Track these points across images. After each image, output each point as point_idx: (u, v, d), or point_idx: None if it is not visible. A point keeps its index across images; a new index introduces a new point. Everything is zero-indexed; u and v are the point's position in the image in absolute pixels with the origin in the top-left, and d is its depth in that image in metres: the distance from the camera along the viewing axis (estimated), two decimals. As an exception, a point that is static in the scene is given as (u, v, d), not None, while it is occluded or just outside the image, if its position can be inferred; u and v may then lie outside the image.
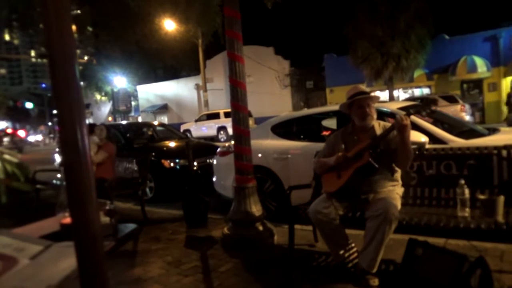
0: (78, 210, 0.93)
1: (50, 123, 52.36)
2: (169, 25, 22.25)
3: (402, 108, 4.05)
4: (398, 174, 2.87)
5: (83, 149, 0.90)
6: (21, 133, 30.50)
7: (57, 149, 9.34)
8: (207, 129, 22.69)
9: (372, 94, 3.13)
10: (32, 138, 36.87)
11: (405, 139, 2.57)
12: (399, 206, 2.65)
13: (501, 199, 2.48)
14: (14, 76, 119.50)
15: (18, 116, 57.08)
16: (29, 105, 56.31)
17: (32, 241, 1.16)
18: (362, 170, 2.71)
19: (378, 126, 2.86)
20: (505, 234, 2.41)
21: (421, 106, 2.76)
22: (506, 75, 18.69)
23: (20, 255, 1.08)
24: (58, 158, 8.79)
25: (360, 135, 2.85)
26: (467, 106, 15.85)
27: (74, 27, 0.94)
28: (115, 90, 30.27)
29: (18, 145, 23.90)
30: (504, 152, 2.85)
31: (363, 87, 3.01)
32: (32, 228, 1.83)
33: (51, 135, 35.82)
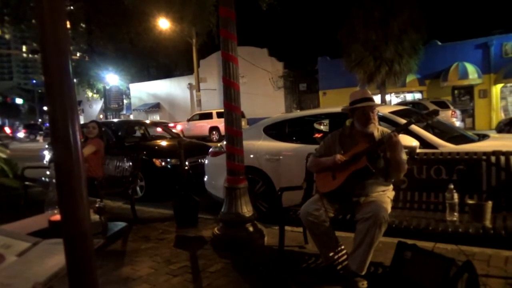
0: (68, 207, 0.92)
1: (40, 120, 51.88)
2: (164, 24, 22.15)
3: (398, 113, 4.06)
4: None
5: (74, 146, 0.89)
6: (7, 129, 30.05)
7: (46, 146, 9.21)
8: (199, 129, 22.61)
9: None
10: (21, 134, 36.47)
11: (396, 156, 2.62)
12: (389, 210, 2.67)
13: (489, 204, 2.51)
14: (4, 71, 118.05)
15: (8, 112, 56.42)
16: (19, 101, 55.70)
17: (19, 237, 1.14)
18: (358, 173, 2.72)
19: (377, 132, 2.86)
20: (492, 239, 2.45)
21: (424, 116, 2.76)
22: (496, 82, 18.95)
23: (7, 251, 1.07)
24: (47, 155, 8.68)
25: (359, 138, 2.85)
26: (457, 112, 16.03)
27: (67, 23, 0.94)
28: (107, 87, 30.03)
29: (3, 141, 23.52)
30: (493, 158, 2.89)
31: (369, 92, 2.99)
32: (20, 224, 1.81)
33: (41, 132, 35.46)
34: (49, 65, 0.88)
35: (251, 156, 4.60)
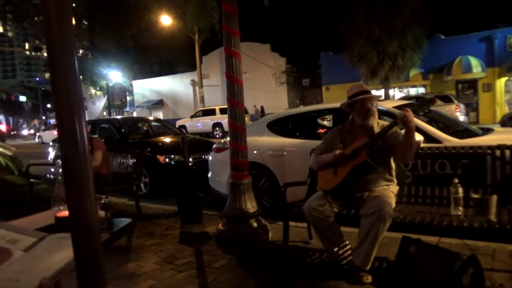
0: (76, 202, 0.92)
1: (43, 117, 52.08)
2: (166, 20, 22.12)
3: (398, 107, 4.06)
4: (394, 172, 2.88)
5: (81, 142, 0.90)
6: (2, 127, 30.14)
7: (51, 143, 9.25)
8: (202, 125, 22.64)
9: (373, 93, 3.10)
10: (25, 132, 36.66)
11: (411, 131, 2.55)
12: (393, 204, 2.66)
13: (494, 198, 2.50)
14: (8, 69, 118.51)
15: (11, 110, 56.64)
16: (22, 98, 55.88)
17: (26, 232, 1.15)
18: (358, 168, 2.71)
19: (377, 125, 2.86)
20: (497, 233, 2.44)
21: (419, 105, 2.73)
22: (500, 75, 18.81)
23: (14, 247, 1.07)
24: (52, 152, 8.71)
25: (359, 133, 2.84)
26: (461, 106, 15.95)
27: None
28: (110, 84, 30.06)
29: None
30: (498, 152, 2.87)
31: (365, 85, 2.99)
32: (26, 221, 1.82)
33: (43, 128, 35.62)
34: (55, 62, 0.88)
35: (255, 152, 4.61)
